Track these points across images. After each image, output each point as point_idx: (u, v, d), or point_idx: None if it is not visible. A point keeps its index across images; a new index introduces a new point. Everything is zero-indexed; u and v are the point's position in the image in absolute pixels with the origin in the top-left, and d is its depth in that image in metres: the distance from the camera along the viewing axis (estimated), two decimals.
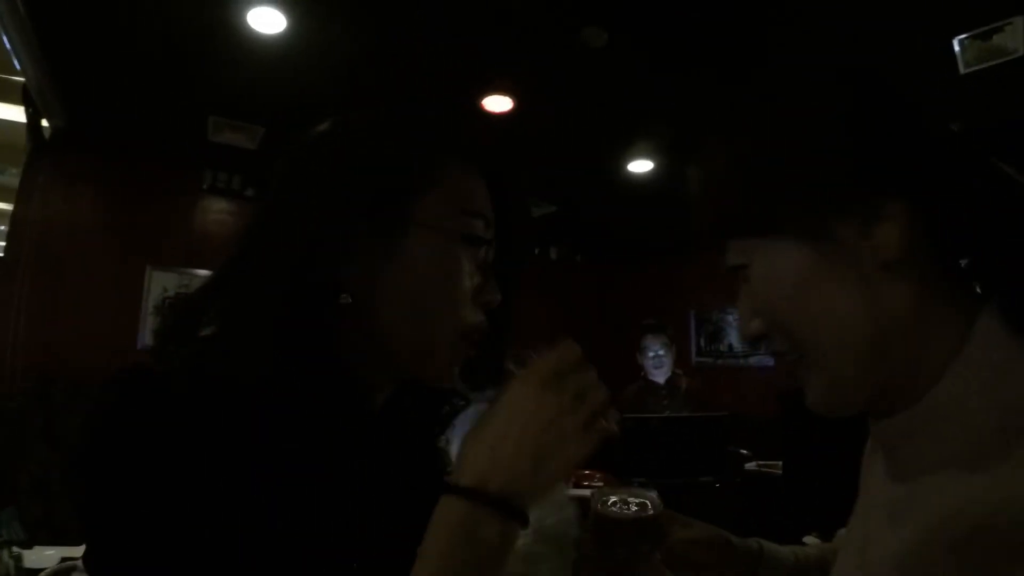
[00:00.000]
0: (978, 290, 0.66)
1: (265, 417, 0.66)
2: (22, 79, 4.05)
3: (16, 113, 4.72)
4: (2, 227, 5.73)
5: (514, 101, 4.14)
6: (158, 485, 0.60)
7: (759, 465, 4.82)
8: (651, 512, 0.89)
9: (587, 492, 4.25)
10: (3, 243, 5.18)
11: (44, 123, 4.68)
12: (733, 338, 6.68)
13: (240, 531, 0.61)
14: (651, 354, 4.73)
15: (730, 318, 6.72)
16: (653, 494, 0.93)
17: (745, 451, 4.67)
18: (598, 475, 5.14)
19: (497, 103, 4.13)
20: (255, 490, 0.63)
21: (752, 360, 6.46)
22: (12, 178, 5.21)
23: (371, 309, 0.74)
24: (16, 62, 3.74)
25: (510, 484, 0.63)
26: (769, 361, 6.29)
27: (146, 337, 5.11)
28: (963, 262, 0.66)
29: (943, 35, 3.42)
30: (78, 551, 2.70)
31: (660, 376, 4.74)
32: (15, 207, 4.86)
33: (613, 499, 0.91)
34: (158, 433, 0.62)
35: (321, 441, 0.70)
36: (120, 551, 0.60)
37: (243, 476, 0.63)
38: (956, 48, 3.47)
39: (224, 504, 0.62)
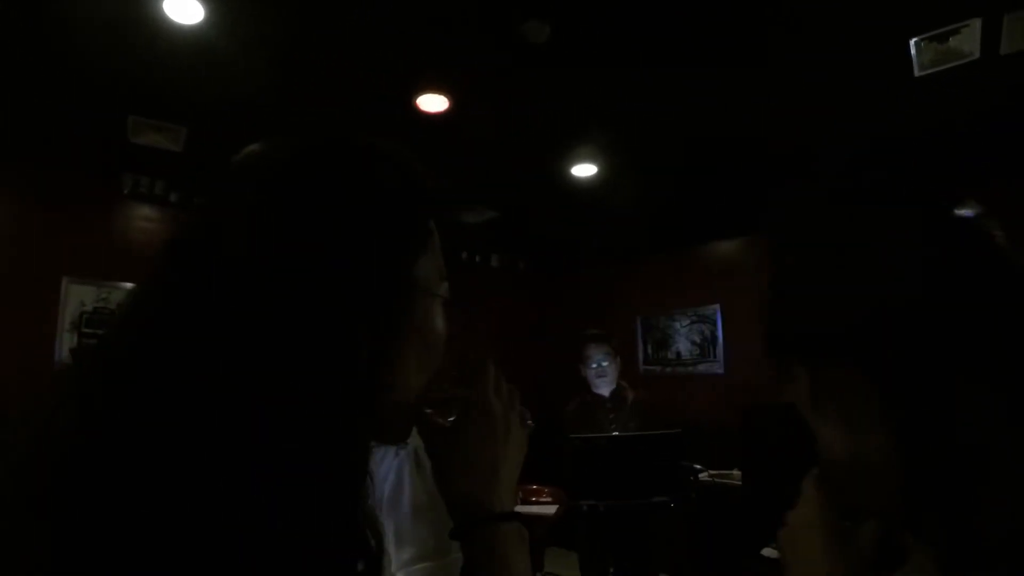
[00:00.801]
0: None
1: (265, 418, 0.61)
2: None
3: None
4: None
5: (450, 100, 3.96)
6: (153, 485, 0.57)
7: (712, 475, 4.71)
8: None
9: (535, 509, 4.12)
10: None
11: None
12: (681, 345, 6.59)
13: (240, 532, 0.58)
14: (593, 365, 4.55)
15: (677, 325, 6.63)
16: None
17: (699, 466, 4.54)
18: (546, 490, 5.02)
19: (432, 102, 3.94)
20: (255, 489, 0.60)
21: (701, 367, 6.39)
22: None
23: (382, 375, 0.71)
24: None
25: (510, 495, 0.81)
26: (719, 368, 6.22)
27: (63, 355, 4.81)
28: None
29: (899, 37, 3.34)
30: None
31: (604, 388, 4.56)
32: None
33: None
34: (153, 433, 0.59)
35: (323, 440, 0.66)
36: (114, 554, 0.56)
37: (242, 475, 0.59)
38: (912, 50, 3.40)
39: (223, 504, 0.58)
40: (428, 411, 0.80)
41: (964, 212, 0.67)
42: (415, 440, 1.74)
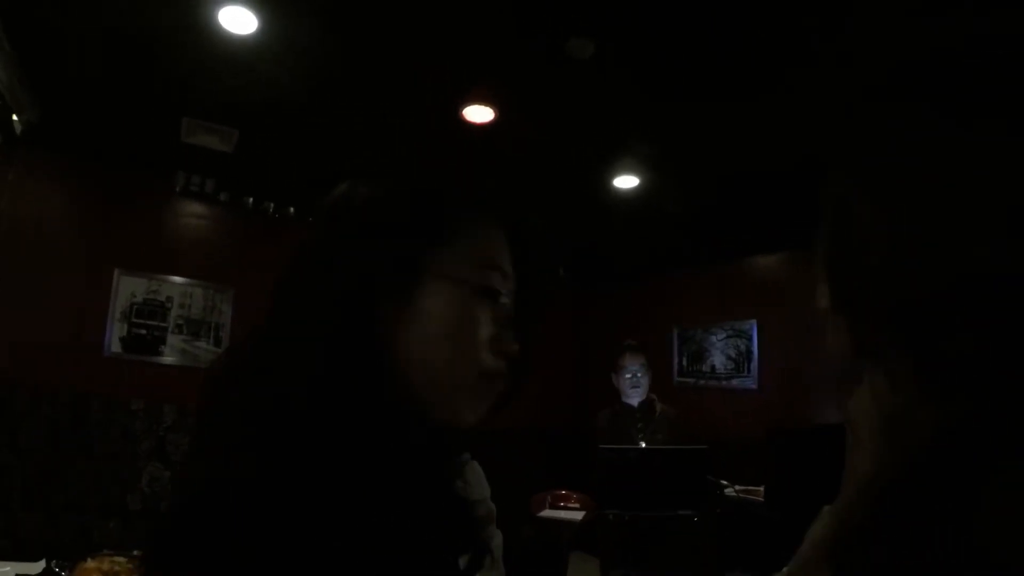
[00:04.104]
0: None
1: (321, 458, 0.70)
2: None
3: None
4: None
5: (496, 112, 4.03)
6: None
7: (738, 491, 4.73)
8: None
9: (563, 514, 4.16)
10: None
11: (15, 118, 4.55)
12: (716, 359, 6.58)
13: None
14: (628, 375, 4.62)
15: (713, 338, 6.62)
16: None
17: (724, 481, 4.57)
18: (575, 496, 5.06)
19: (478, 113, 4.02)
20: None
21: (734, 382, 6.37)
22: None
23: (396, 358, 0.80)
24: None
25: None
26: (752, 383, 6.21)
27: (113, 343, 4.98)
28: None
29: None
30: (34, 567, 2.66)
31: (635, 398, 4.62)
32: None
33: None
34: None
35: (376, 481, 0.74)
36: None
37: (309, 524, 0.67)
38: None
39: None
40: None
41: None
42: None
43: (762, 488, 4.77)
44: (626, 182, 5.12)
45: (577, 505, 5.00)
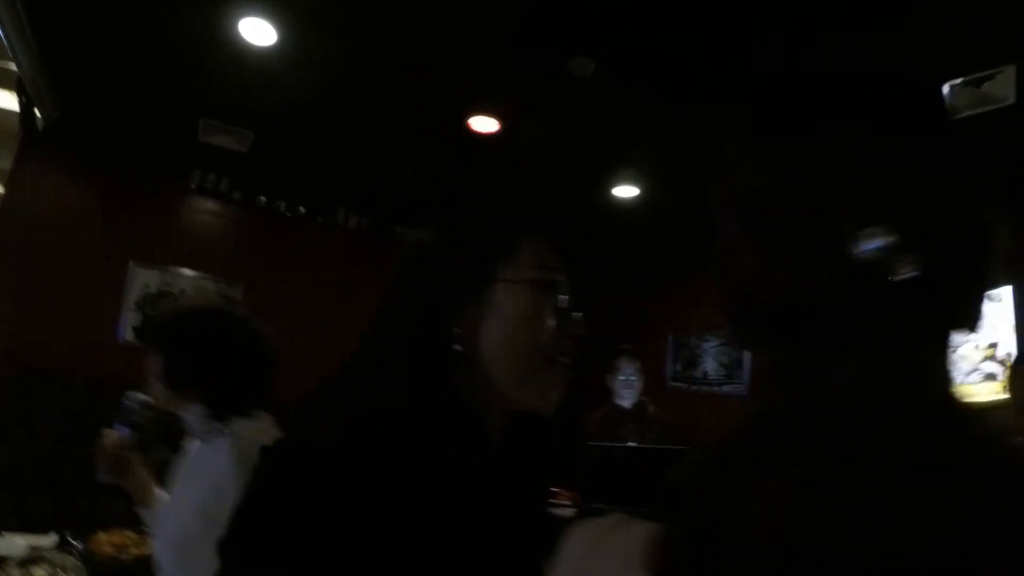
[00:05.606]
0: None
1: (403, 460, 0.86)
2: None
3: (12, 100, 4.76)
4: None
5: (500, 123, 4.19)
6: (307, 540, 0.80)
7: None
8: None
9: (554, 512, 4.28)
10: None
11: (37, 113, 4.71)
12: (708, 365, 6.70)
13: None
14: (622, 377, 4.80)
15: (707, 345, 6.74)
16: None
17: None
18: (566, 493, 5.19)
19: (483, 123, 4.19)
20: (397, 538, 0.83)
21: (725, 388, 6.48)
22: (5, 161, 5.23)
23: (476, 353, 0.98)
24: (10, 52, 3.79)
25: None
26: (743, 390, 6.31)
27: (126, 332, 5.15)
28: None
29: (933, 80, 3.41)
30: (47, 540, 2.74)
31: (627, 400, 4.80)
32: (4, 193, 4.93)
33: None
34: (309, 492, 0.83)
35: (451, 477, 0.90)
36: None
37: (383, 525, 0.83)
38: (946, 93, 3.46)
39: (368, 552, 0.81)
40: None
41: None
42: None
43: None
44: (626, 191, 5.26)
45: (569, 503, 5.14)
